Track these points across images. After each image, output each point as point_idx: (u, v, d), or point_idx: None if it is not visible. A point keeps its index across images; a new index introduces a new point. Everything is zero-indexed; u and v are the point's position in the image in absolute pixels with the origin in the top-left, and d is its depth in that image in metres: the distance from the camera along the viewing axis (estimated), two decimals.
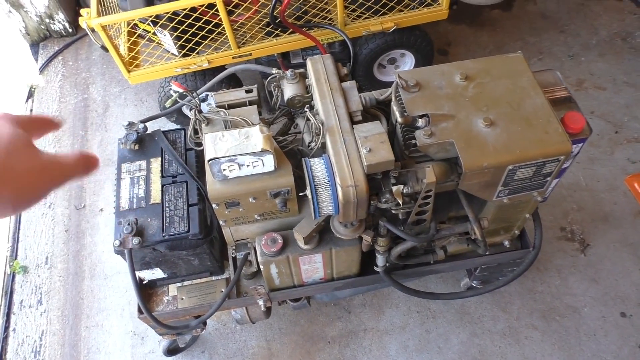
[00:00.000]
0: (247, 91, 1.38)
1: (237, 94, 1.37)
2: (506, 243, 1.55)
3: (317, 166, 1.17)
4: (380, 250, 1.38)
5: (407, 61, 2.45)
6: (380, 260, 1.43)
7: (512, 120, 1.19)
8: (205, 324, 1.75)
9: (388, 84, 1.32)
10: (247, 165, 1.17)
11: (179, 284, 1.55)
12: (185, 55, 2.11)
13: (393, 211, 1.24)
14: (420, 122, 1.19)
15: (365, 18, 2.15)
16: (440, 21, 2.22)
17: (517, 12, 2.99)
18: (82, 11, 1.92)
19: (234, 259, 1.50)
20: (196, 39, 2.03)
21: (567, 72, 2.68)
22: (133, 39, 2.12)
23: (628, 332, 1.96)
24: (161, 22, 1.94)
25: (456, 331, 2.00)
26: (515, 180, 1.22)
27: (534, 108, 1.21)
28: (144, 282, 1.52)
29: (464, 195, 1.31)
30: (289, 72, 1.36)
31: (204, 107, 1.38)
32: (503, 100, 1.22)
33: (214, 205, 1.24)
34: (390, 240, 1.36)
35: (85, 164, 0.59)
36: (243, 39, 2.11)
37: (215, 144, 1.16)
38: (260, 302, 1.55)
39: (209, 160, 1.15)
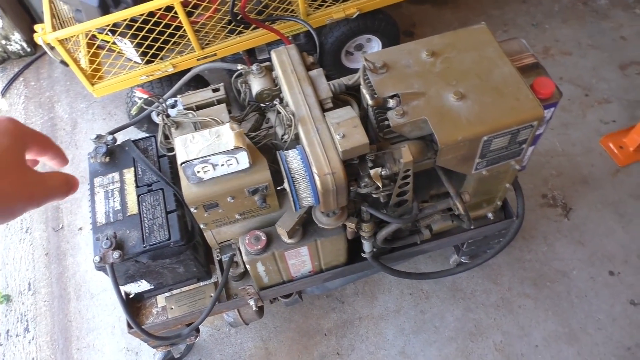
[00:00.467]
0: (214, 90, 1.35)
1: (204, 94, 1.34)
2: (490, 215, 1.56)
3: (292, 158, 1.15)
4: (365, 236, 1.37)
5: (374, 46, 2.44)
6: (366, 246, 1.42)
7: (482, 91, 1.19)
8: (198, 331, 1.72)
9: (358, 71, 1.31)
10: (222, 165, 1.15)
11: (167, 294, 1.52)
12: (148, 62, 2.07)
13: (374, 195, 1.23)
14: (392, 103, 1.18)
15: (328, 6, 2.13)
16: (403, 3, 2.22)
17: None
18: (37, 27, 1.86)
19: (220, 261, 1.47)
20: (158, 44, 1.98)
21: (532, 41, 2.70)
22: (93, 50, 2.07)
23: (618, 289, 1.99)
24: (120, 30, 1.89)
25: (450, 308, 2.00)
26: (491, 151, 1.22)
27: (503, 77, 1.21)
28: (131, 296, 1.49)
29: (443, 171, 1.30)
30: (254, 67, 1.33)
31: (173, 112, 1.35)
32: (471, 73, 1.22)
33: (192, 209, 1.22)
34: (374, 225, 1.35)
35: (67, 186, 0.60)
36: (206, 40, 2.08)
37: (186, 146, 1.13)
38: (251, 302, 1.53)
39: (181, 164, 1.12)
